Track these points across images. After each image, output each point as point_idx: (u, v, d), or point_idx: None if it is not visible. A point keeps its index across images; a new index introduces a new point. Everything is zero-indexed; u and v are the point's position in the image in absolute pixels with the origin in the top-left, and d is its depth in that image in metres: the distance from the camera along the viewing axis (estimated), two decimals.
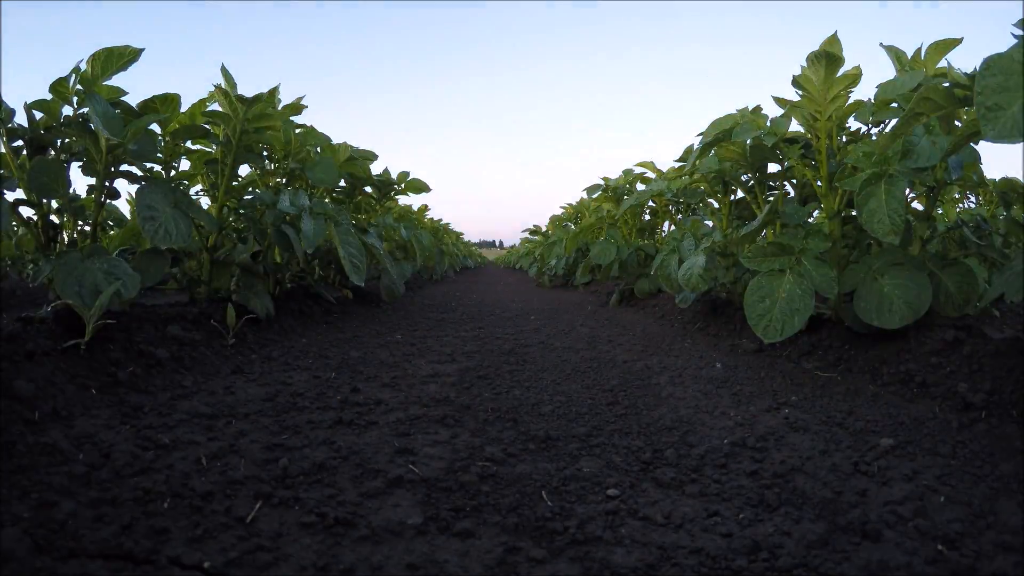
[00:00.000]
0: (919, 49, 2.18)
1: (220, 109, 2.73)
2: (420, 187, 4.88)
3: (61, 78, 2.20)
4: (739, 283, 3.32)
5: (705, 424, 1.70)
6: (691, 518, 1.12)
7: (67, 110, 2.26)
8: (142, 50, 2.26)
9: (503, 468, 1.35)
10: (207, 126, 2.75)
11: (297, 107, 2.99)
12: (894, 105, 2.21)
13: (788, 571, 0.95)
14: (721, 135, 2.69)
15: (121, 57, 2.24)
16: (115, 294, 1.93)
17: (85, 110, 2.21)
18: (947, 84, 1.69)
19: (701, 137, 2.83)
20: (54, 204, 2.35)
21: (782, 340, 2.20)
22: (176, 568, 0.92)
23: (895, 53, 2.25)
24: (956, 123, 1.83)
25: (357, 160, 4.03)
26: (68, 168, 2.36)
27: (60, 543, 0.95)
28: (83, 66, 2.21)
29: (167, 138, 2.71)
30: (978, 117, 1.31)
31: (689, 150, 3.80)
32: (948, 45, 2.12)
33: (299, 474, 1.27)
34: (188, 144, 2.92)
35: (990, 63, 1.33)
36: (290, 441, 1.47)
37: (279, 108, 2.95)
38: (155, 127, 2.59)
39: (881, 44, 2.28)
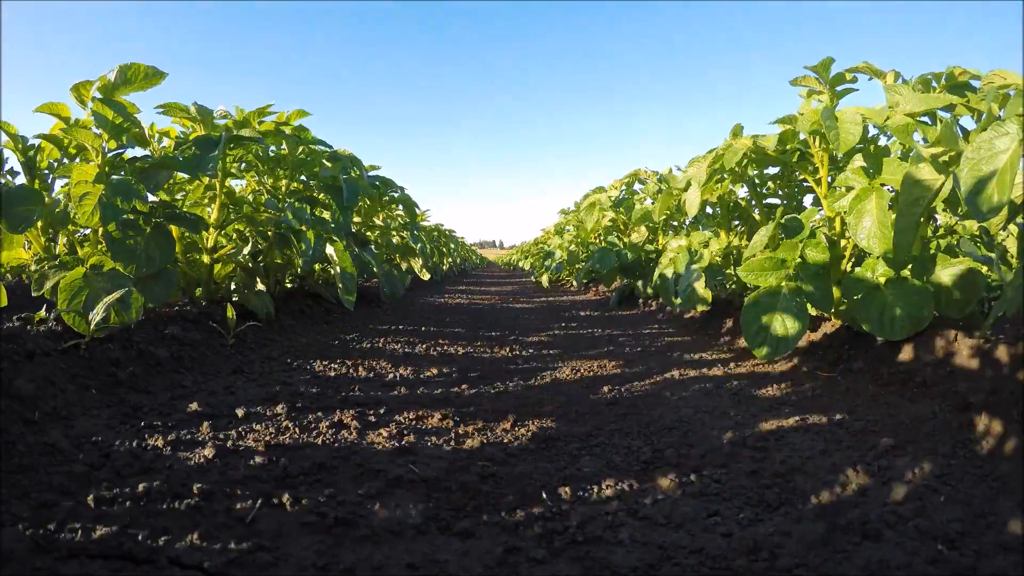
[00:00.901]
0: (942, 73, 2.17)
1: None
2: (410, 204, 4.96)
3: (86, 81, 2.19)
4: (739, 283, 3.32)
5: (705, 424, 1.70)
6: (691, 518, 1.11)
7: (80, 112, 2.25)
8: (166, 74, 2.27)
9: (503, 468, 1.35)
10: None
11: (264, 111, 3.02)
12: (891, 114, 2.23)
13: (788, 571, 0.95)
14: (713, 165, 2.73)
15: (146, 76, 2.24)
16: (117, 316, 1.93)
17: (93, 118, 2.21)
18: (928, 164, 1.75)
19: (692, 169, 2.89)
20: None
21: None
22: (176, 568, 0.92)
23: (871, 69, 2.26)
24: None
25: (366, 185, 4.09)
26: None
27: (60, 543, 0.95)
28: (111, 76, 2.20)
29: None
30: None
31: (674, 178, 3.83)
32: (968, 75, 2.13)
33: (299, 474, 1.27)
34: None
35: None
36: (291, 441, 1.47)
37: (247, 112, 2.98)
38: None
39: (854, 71, 2.28)
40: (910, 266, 2.13)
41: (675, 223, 4.74)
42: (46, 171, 2.42)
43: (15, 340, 1.79)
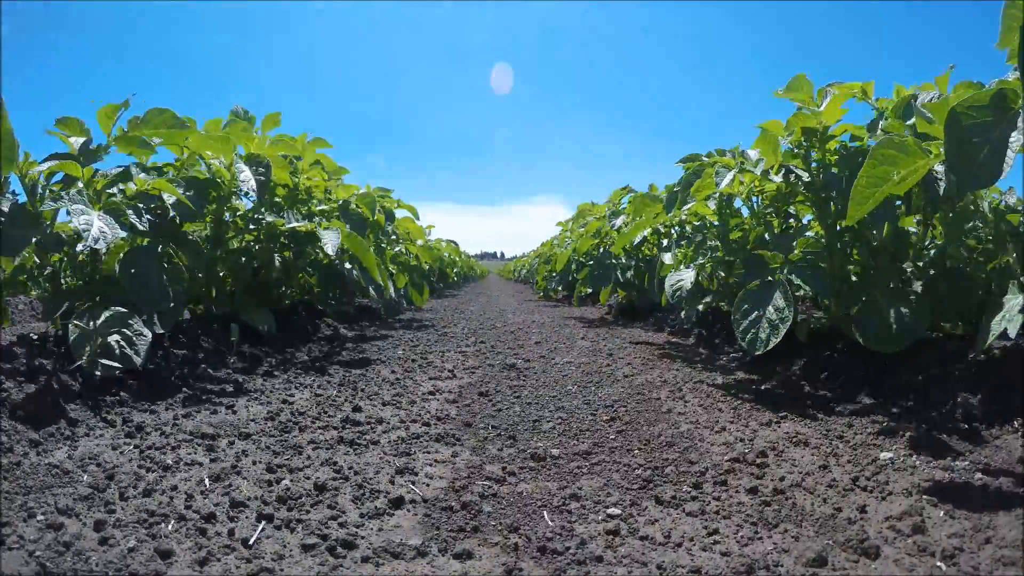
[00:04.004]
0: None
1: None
2: (417, 230, 5.04)
3: (114, 105, 2.27)
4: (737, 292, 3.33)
5: (705, 440, 1.70)
6: (691, 536, 1.12)
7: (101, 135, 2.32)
8: (194, 124, 2.48)
9: (503, 487, 1.36)
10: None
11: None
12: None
13: None
14: (696, 184, 2.78)
15: (172, 124, 2.37)
16: (125, 359, 1.96)
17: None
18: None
19: (677, 187, 2.93)
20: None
21: (772, 350, 2.20)
22: None
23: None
24: None
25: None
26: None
27: (66, 566, 0.95)
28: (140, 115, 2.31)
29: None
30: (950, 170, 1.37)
31: (645, 199, 3.87)
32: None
33: (301, 495, 1.27)
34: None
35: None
36: (292, 461, 1.47)
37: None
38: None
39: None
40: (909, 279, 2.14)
41: (675, 230, 4.77)
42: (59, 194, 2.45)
43: (18, 358, 1.80)
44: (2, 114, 1.83)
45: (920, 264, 2.21)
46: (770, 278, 2.30)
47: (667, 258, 3.48)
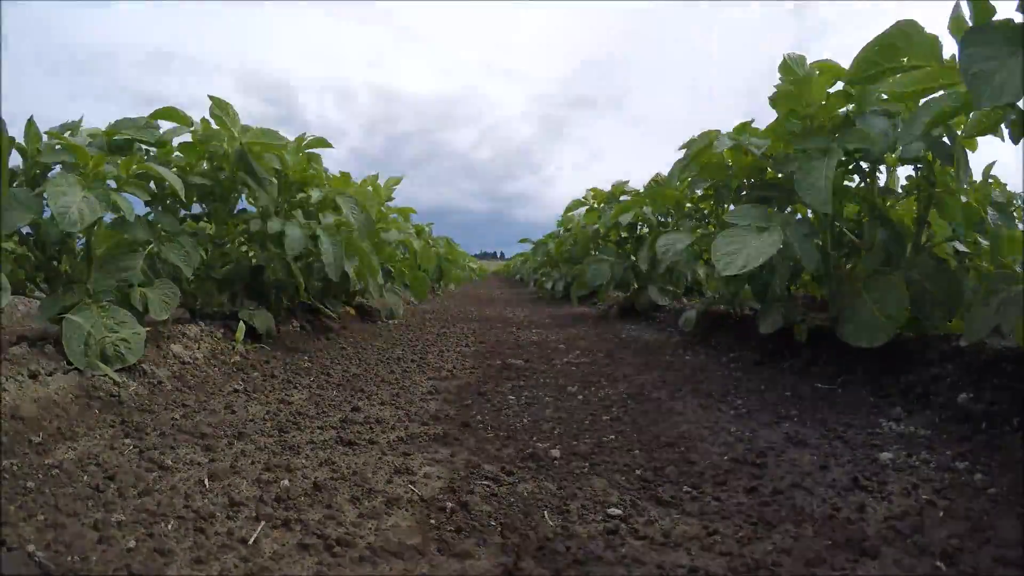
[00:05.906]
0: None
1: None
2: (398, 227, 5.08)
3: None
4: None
5: (705, 440, 1.70)
6: (691, 536, 1.12)
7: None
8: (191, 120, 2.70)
9: (502, 488, 1.35)
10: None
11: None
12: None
13: None
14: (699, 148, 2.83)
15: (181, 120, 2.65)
16: (119, 358, 1.96)
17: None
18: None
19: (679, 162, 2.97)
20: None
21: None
22: None
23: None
24: None
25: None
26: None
27: (66, 566, 0.95)
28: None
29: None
30: (966, 85, 1.35)
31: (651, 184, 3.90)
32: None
33: (299, 495, 1.27)
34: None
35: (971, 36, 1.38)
36: (290, 461, 1.47)
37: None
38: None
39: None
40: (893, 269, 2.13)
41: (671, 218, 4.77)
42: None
43: (18, 360, 1.80)
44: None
45: (910, 259, 2.21)
46: (762, 227, 2.27)
47: (655, 248, 3.52)
